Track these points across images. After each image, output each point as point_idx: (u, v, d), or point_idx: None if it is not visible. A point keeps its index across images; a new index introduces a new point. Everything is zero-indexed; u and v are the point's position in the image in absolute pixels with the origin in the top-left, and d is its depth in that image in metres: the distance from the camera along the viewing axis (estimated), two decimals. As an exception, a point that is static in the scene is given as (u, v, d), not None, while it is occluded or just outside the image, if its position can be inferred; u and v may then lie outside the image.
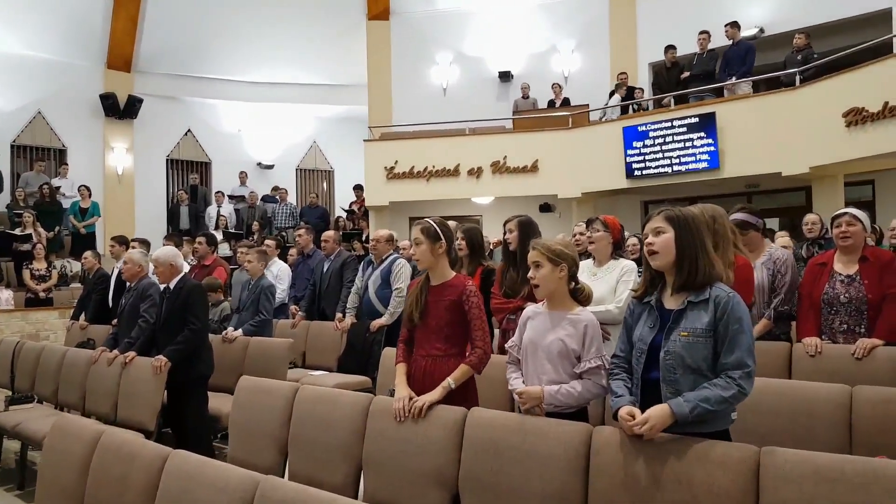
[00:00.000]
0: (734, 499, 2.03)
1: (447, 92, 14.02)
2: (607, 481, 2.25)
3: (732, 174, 9.66)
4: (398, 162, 11.76)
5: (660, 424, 2.15)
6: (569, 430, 2.41)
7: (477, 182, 11.52)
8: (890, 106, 7.74)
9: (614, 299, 3.74)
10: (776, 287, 4.12)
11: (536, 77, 13.07)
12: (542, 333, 2.65)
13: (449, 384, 2.80)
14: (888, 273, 3.63)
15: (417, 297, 2.99)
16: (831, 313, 3.72)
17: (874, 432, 2.66)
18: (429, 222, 3.02)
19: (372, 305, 5.68)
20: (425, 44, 14.03)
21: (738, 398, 2.15)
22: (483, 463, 2.52)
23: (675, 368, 2.21)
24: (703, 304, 2.21)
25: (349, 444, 2.90)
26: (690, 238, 2.26)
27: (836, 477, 1.91)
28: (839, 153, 8.49)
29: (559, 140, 11.21)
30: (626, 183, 10.57)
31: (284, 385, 3.37)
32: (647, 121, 10.37)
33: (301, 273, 6.90)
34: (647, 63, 12.52)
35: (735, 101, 9.83)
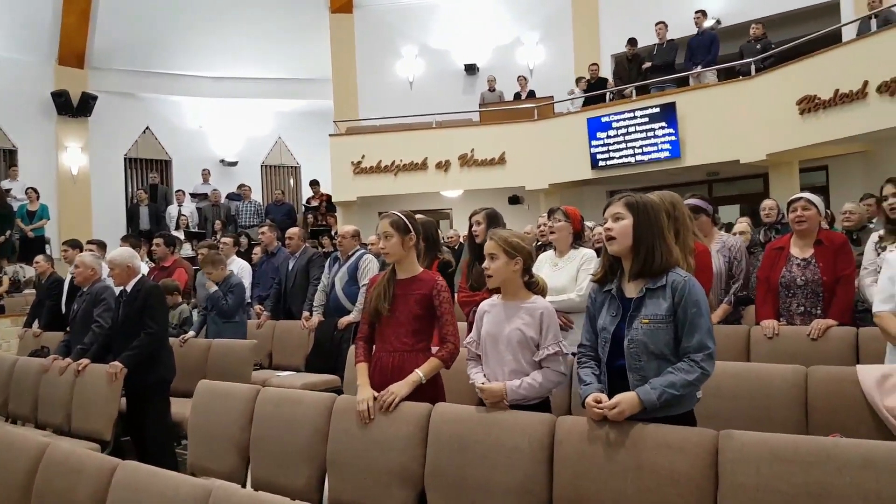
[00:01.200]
0: (694, 483, 2.06)
1: (413, 85, 13.96)
2: (571, 471, 2.27)
3: (693, 163, 9.82)
4: (365, 156, 11.69)
5: (628, 410, 2.18)
6: (533, 421, 2.42)
7: (445, 175, 11.51)
8: (841, 93, 7.92)
9: (576, 288, 3.78)
10: (734, 273, 4.24)
11: (502, 70, 13.09)
12: (500, 325, 2.66)
13: (419, 377, 2.78)
14: (842, 256, 3.72)
15: (385, 290, 2.94)
16: (788, 296, 3.80)
17: (829, 411, 2.73)
18: (397, 214, 2.98)
19: (339, 302, 5.64)
20: (390, 37, 13.95)
21: (702, 379, 2.20)
22: (449, 458, 2.52)
23: (639, 356, 2.24)
24: (660, 290, 2.24)
25: (312, 446, 2.87)
26: (648, 225, 2.28)
27: (790, 457, 1.95)
28: (794, 140, 8.69)
29: (526, 132, 11.26)
30: (592, 174, 10.66)
31: (244, 388, 3.32)
32: (610, 112, 10.47)
33: (265, 272, 6.81)
34: (609, 54, 12.62)
35: (694, 90, 9.99)
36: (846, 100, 7.88)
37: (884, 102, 7.47)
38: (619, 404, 2.18)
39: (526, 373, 2.58)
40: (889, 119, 7.49)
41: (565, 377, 2.64)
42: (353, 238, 5.82)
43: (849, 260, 3.75)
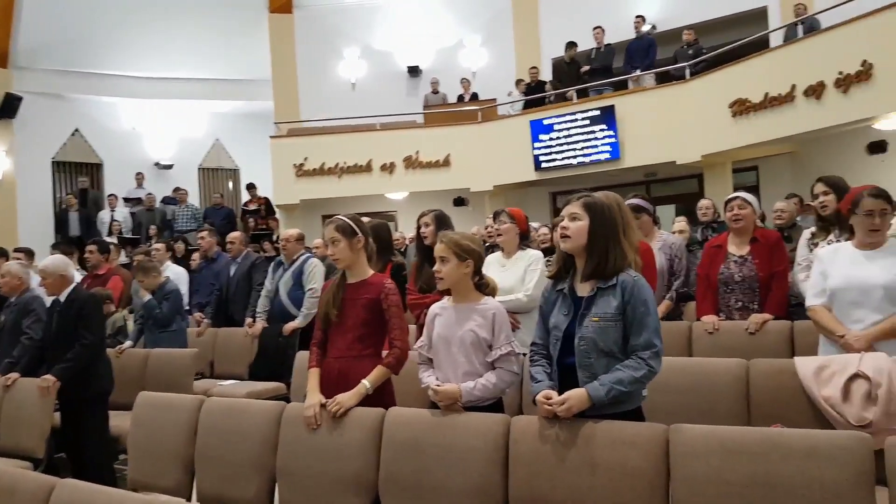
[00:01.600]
0: (647, 477, 2.10)
1: (356, 86, 13.85)
2: (527, 470, 2.28)
3: (632, 164, 10.07)
4: (308, 159, 11.53)
5: (577, 406, 2.21)
6: (488, 422, 2.42)
7: (390, 177, 11.45)
8: (770, 97, 8.26)
9: (523, 288, 3.82)
10: (675, 270, 4.38)
11: (445, 72, 13.12)
12: (453, 327, 2.65)
13: (365, 388, 2.74)
14: (776, 252, 3.89)
15: (334, 295, 2.90)
16: (727, 292, 3.93)
17: (769, 402, 2.82)
18: (342, 219, 2.93)
19: (284, 308, 5.53)
20: (331, 37, 13.79)
21: (649, 377, 2.24)
22: (403, 463, 2.50)
23: (589, 353, 2.27)
24: (611, 289, 2.28)
25: (261, 456, 2.80)
26: (604, 227, 2.32)
27: (738, 448, 2.01)
28: (727, 142, 9.01)
29: (470, 134, 11.31)
30: (535, 175, 10.80)
31: (188, 398, 3.21)
32: (552, 114, 10.63)
33: (205, 278, 6.62)
34: (549, 58, 12.82)
35: (633, 94, 10.25)
36: (775, 103, 8.23)
37: (810, 105, 7.83)
38: (568, 400, 2.21)
39: (479, 374, 2.58)
40: (815, 121, 7.85)
41: (518, 377, 2.65)
42: (298, 242, 5.73)
43: (783, 256, 3.92)
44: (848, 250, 2.98)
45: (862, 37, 7.25)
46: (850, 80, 7.31)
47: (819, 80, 7.64)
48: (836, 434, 2.00)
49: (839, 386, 2.57)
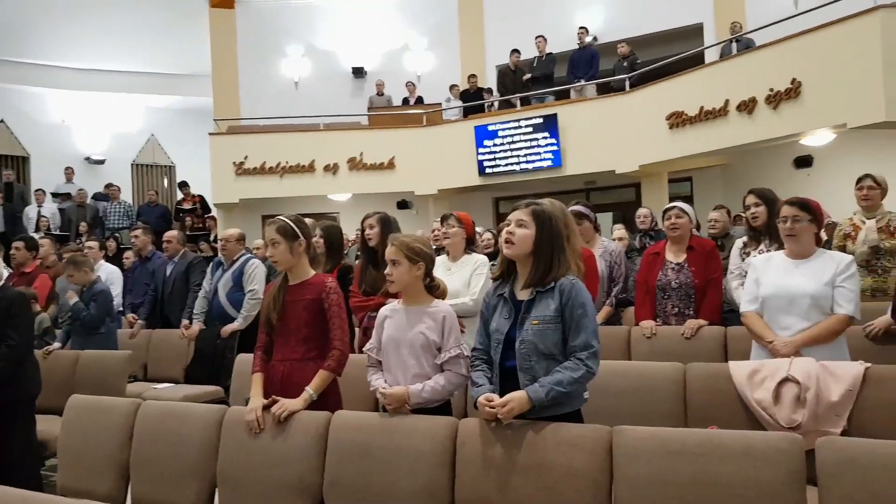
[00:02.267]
0: (591, 477, 2.15)
1: (299, 86, 13.66)
2: (473, 472, 2.29)
3: (573, 172, 10.27)
4: (248, 157, 11.29)
5: (518, 408, 2.23)
6: (435, 424, 2.43)
7: (333, 178, 11.34)
8: (705, 110, 8.58)
9: (469, 292, 3.84)
10: (615, 277, 4.50)
11: (390, 74, 13.09)
12: (403, 329, 2.64)
13: (310, 394, 2.71)
14: (711, 261, 4.06)
15: (275, 298, 2.86)
16: (664, 298, 4.07)
17: (705, 405, 2.92)
18: (284, 220, 2.88)
19: (223, 310, 5.40)
20: (274, 35, 13.57)
21: (587, 377, 2.28)
22: (349, 467, 2.48)
23: (529, 356, 2.30)
24: (549, 292, 2.32)
25: (201, 461, 2.73)
26: (550, 237, 2.36)
27: (678, 449, 2.08)
28: (664, 153, 9.30)
29: (415, 138, 11.31)
30: (479, 180, 10.89)
31: (123, 402, 3.10)
32: (496, 121, 10.75)
33: (139, 278, 6.40)
34: (494, 65, 12.97)
35: (575, 103, 10.48)
36: (710, 116, 8.55)
37: (742, 120, 8.17)
38: (509, 402, 2.23)
39: (428, 376, 2.58)
40: (746, 135, 8.19)
41: (467, 379, 2.66)
42: (238, 242, 5.60)
43: (717, 265, 4.09)
44: (779, 259, 3.12)
45: (791, 56, 7.61)
46: (779, 96, 7.67)
47: (751, 95, 7.98)
48: (771, 435, 2.09)
49: (770, 389, 2.69)
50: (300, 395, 2.71)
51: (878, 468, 1.89)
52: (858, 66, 6.89)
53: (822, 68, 7.26)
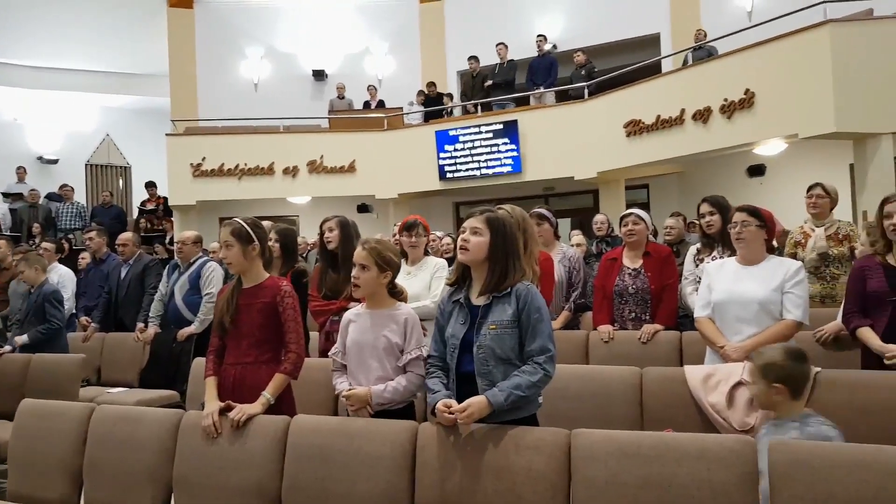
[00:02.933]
0: (549, 480, 2.17)
1: (258, 87, 13.53)
2: (433, 476, 2.30)
3: (533, 178, 10.40)
4: (206, 158, 11.11)
5: (478, 413, 2.24)
6: (395, 428, 2.43)
7: (293, 181, 11.24)
8: (662, 119, 8.78)
9: (430, 295, 3.86)
10: (573, 282, 4.56)
11: (351, 78, 13.05)
12: (366, 332, 2.64)
13: (267, 399, 2.69)
14: (667, 267, 4.15)
15: (228, 301, 2.83)
16: (622, 303, 4.15)
17: (661, 408, 2.99)
18: (239, 223, 2.85)
19: (179, 313, 5.30)
20: (234, 36, 13.42)
21: (545, 381, 2.31)
22: (308, 471, 2.46)
23: (487, 360, 2.32)
24: (505, 297, 2.35)
25: (157, 466, 2.68)
26: (504, 244, 2.38)
27: (635, 452, 2.12)
28: (621, 160, 9.48)
29: (376, 141, 11.29)
30: (440, 185, 10.93)
31: (77, 406, 3.02)
32: (457, 126, 10.80)
33: (93, 280, 6.24)
34: (455, 70, 13.05)
35: (535, 110, 10.60)
36: (666, 125, 8.74)
37: (698, 129, 8.37)
38: (469, 407, 2.24)
39: (391, 378, 2.59)
40: (701, 144, 8.40)
41: None
42: (195, 245, 5.51)
43: (673, 271, 4.18)
44: (731, 266, 3.21)
45: (745, 67, 7.84)
46: (734, 106, 7.89)
47: (706, 105, 8.19)
48: (724, 438, 2.14)
49: (724, 393, 2.77)
50: (253, 398, 2.69)
51: (828, 469, 1.95)
52: (809, 77, 7.13)
53: (775, 79, 7.50)
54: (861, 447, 2.01)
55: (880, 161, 7.09)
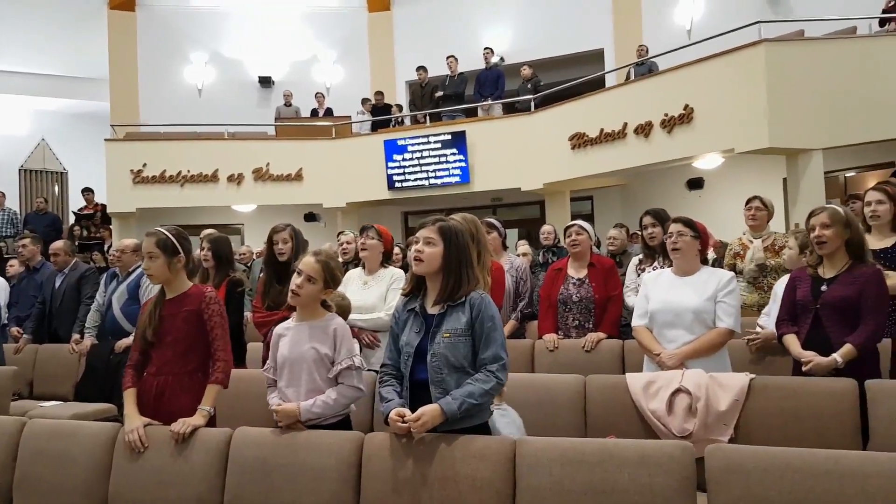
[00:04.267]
0: (495, 488, 2.19)
1: (203, 93, 13.28)
2: (379, 487, 2.29)
3: (481, 188, 10.49)
4: (147, 165, 10.80)
5: (431, 422, 2.24)
6: (340, 439, 2.41)
7: (238, 189, 11.03)
8: (605, 133, 8.98)
9: (385, 307, 3.83)
10: (520, 292, 4.62)
11: (299, 85, 12.93)
12: (296, 345, 2.61)
13: (207, 412, 2.65)
14: (611, 277, 4.26)
15: (151, 314, 2.75)
16: (566, 311, 4.24)
17: (604, 415, 3.04)
18: (164, 233, 2.77)
19: (117, 323, 5.11)
20: (177, 40, 13.15)
21: (497, 388, 2.33)
22: (250, 484, 2.41)
23: (441, 369, 2.32)
24: (460, 306, 2.36)
25: (91, 482, 2.59)
26: (458, 253, 2.39)
27: (578, 458, 2.15)
28: (566, 172, 9.66)
29: (323, 150, 11.20)
30: (388, 194, 10.90)
31: (7, 420, 2.90)
32: (405, 135, 10.82)
33: (25, 289, 5.98)
34: (404, 80, 13.08)
35: (482, 121, 10.72)
36: (609, 138, 8.95)
37: (639, 142, 8.60)
38: (423, 416, 2.24)
39: (323, 391, 2.56)
40: (643, 157, 8.63)
41: (362, 392, 2.65)
42: (134, 253, 5.32)
43: (616, 281, 4.30)
44: (667, 276, 3.31)
45: (684, 83, 8.10)
46: (673, 121, 8.14)
47: (648, 119, 8.43)
48: (664, 443, 2.20)
49: (664, 400, 2.84)
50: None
51: (762, 473, 2.02)
52: (745, 94, 7.41)
53: (713, 96, 7.77)
54: (792, 451, 2.09)
55: (811, 175, 7.42)
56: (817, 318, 3.03)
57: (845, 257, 3.06)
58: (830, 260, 3.08)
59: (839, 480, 1.96)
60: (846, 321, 2.97)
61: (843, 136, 7.45)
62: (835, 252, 3.06)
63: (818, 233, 3.04)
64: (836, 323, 2.98)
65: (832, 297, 3.00)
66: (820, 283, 3.07)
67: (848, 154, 8.17)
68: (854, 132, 7.43)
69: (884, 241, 3.56)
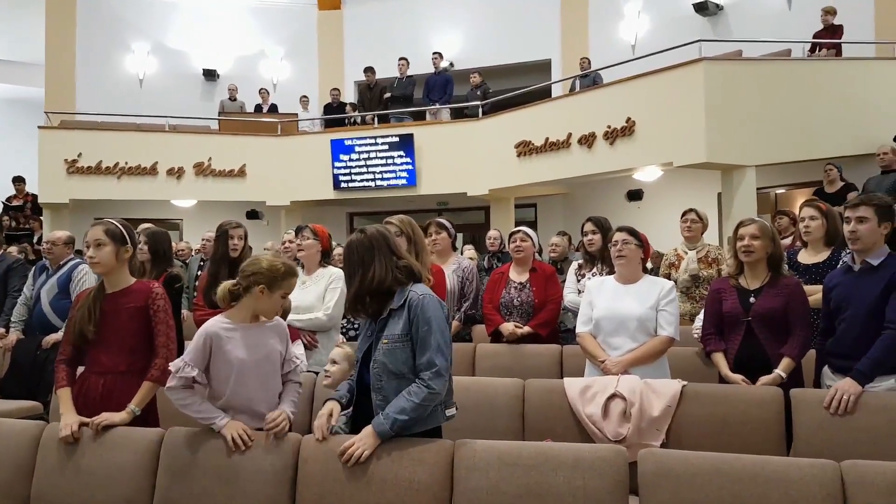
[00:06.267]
0: (432, 492, 2.20)
1: (144, 84, 12.91)
2: (315, 489, 2.26)
3: (427, 192, 10.52)
4: (83, 155, 10.41)
5: (369, 448, 2.24)
6: (277, 441, 2.37)
7: (178, 183, 10.73)
8: (550, 141, 9.14)
9: (323, 307, 3.80)
10: (466, 293, 4.65)
11: (244, 80, 12.71)
12: (256, 349, 2.51)
13: (132, 410, 2.56)
14: (551, 283, 4.35)
15: (91, 309, 2.64)
16: (507, 315, 4.30)
17: (541, 419, 3.08)
18: (113, 223, 2.71)
19: (45, 318, 4.92)
20: (118, 28, 12.75)
21: (431, 399, 2.27)
22: (182, 487, 2.35)
23: (381, 375, 2.31)
24: (400, 309, 2.32)
25: (13, 483, 2.49)
26: (360, 265, 2.34)
27: (515, 461, 2.18)
28: (512, 179, 9.79)
29: (268, 146, 11.01)
30: (334, 194, 10.81)
31: (-79, 419, 2.75)
32: (353, 136, 10.75)
33: (-54, 281, 5.70)
34: (352, 80, 13.01)
35: (431, 125, 10.76)
36: (554, 147, 9.11)
37: (583, 153, 8.79)
38: (360, 441, 2.24)
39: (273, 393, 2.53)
40: (586, 167, 8.82)
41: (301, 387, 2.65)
42: (66, 245, 5.14)
43: (556, 287, 4.40)
44: (610, 284, 3.39)
45: (627, 96, 8.31)
46: (616, 133, 8.34)
47: (591, 130, 8.61)
48: (598, 447, 2.26)
49: (600, 404, 2.91)
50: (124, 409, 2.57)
51: (692, 477, 2.09)
52: (684, 110, 7.66)
53: (654, 110, 8.00)
54: (720, 456, 2.17)
55: (745, 191, 7.73)
56: (750, 331, 3.12)
57: (766, 270, 3.18)
58: (752, 271, 3.19)
59: (764, 485, 2.04)
60: (776, 333, 3.07)
61: (774, 155, 7.80)
62: (756, 264, 3.17)
63: (747, 243, 3.15)
64: (768, 335, 3.08)
65: (762, 309, 3.09)
66: (747, 294, 3.17)
67: (779, 172, 8.56)
68: (785, 151, 7.78)
69: (817, 256, 3.71)
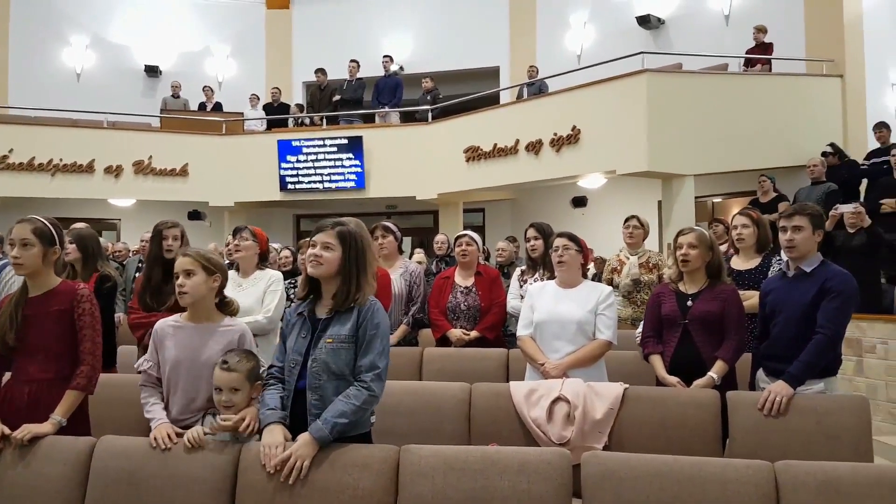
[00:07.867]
0: (375, 498, 2.16)
1: (81, 78, 12.47)
2: (256, 498, 2.19)
3: (376, 195, 10.48)
4: (13, 150, 10.00)
5: (308, 456, 2.18)
6: (214, 449, 2.30)
7: (115, 182, 10.38)
8: (498, 147, 9.23)
9: (263, 309, 3.72)
10: (413, 297, 4.63)
11: (188, 77, 12.41)
12: (195, 350, 2.46)
13: (57, 421, 2.43)
14: (496, 287, 4.41)
15: (11, 315, 2.49)
16: (454, 319, 4.33)
17: (488, 423, 3.07)
18: (41, 220, 2.55)
19: (-34, 322, 4.68)
20: (55, 20, 12.30)
21: (371, 402, 2.27)
22: (115, 498, 2.25)
23: (320, 375, 2.27)
24: (348, 312, 2.30)
25: (-73, 498, 2.33)
26: (356, 259, 2.32)
27: (461, 466, 2.17)
28: (460, 183, 9.85)
29: (212, 146, 10.76)
30: (280, 195, 10.65)
31: None
32: (300, 137, 10.62)
33: None
34: (301, 81, 12.85)
35: (380, 128, 10.72)
36: (502, 153, 9.20)
37: (530, 159, 8.90)
38: (298, 452, 2.17)
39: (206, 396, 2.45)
40: (532, 174, 8.94)
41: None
42: (-6, 245, 4.92)
43: (501, 291, 4.46)
44: (551, 288, 3.43)
45: (573, 105, 8.47)
46: (562, 141, 8.47)
47: (538, 137, 8.73)
48: (543, 451, 2.26)
49: (545, 408, 2.92)
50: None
51: (633, 479, 2.12)
52: (627, 120, 7.85)
53: (598, 119, 8.17)
54: (660, 458, 2.21)
55: (684, 199, 7.96)
56: (686, 333, 3.22)
57: (704, 276, 3.29)
58: (692, 277, 3.31)
59: (702, 486, 2.08)
60: (711, 336, 3.18)
61: (712, 165, 8.06)
62: (695, 271, 3.29)
63: (685, 251, 3.26)
64: (704, 337, 3.18)
65: (699, 312, 3.20)
66: (685, 298, 3.28)
67: (716, 181, 8.84)
68: (722, 161, 8.05)
69: (749, 262, 3.86)
